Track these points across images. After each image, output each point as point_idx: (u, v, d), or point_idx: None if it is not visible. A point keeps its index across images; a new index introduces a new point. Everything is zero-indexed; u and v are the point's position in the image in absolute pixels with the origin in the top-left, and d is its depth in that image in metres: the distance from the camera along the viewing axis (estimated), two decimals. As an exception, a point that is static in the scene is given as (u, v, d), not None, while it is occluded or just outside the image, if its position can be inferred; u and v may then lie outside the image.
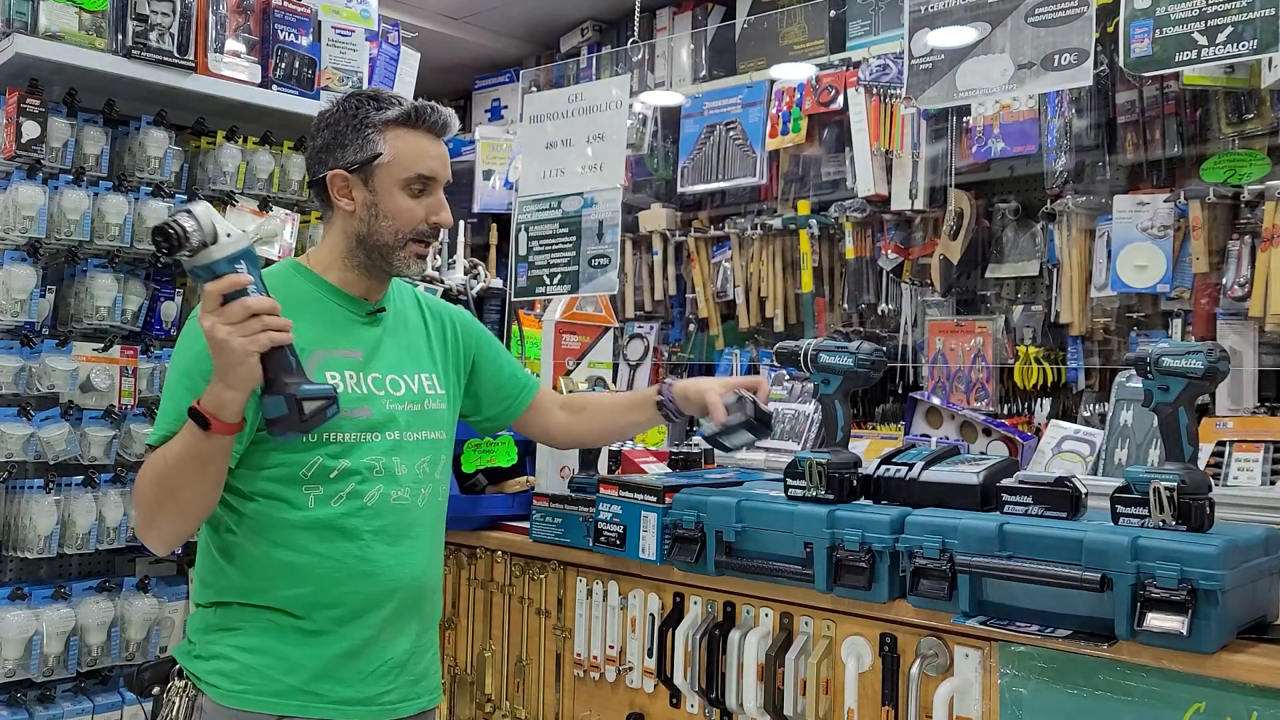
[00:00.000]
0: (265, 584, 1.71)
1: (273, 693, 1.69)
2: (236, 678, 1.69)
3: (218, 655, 1.71)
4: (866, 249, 3.51)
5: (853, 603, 1.82)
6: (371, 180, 1.77)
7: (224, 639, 1.71)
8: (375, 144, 1.76)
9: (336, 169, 1.78)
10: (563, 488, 2.33)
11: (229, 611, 1.73)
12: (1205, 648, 1.47)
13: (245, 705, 1.68)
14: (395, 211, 1.78)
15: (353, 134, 1.78)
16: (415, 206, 1.79)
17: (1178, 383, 1.64)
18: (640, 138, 4.00)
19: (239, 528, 1.72)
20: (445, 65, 4.91)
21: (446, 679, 2.46)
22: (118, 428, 2.74)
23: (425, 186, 1.80)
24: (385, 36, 3.38)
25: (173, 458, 1.59)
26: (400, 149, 1.77)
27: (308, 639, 1.72)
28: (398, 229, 1.78)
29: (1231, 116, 2.79)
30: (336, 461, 1.72)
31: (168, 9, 2.75)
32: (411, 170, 1.78)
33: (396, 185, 1.78)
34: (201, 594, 1.77)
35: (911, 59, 2.48)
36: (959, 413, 3.02)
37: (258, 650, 1.70)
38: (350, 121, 1.78)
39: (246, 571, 1.72)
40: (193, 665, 1.73)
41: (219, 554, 1.74)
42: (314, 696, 1.71)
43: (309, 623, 1.72)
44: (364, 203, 1.78)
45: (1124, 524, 1.62)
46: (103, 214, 2.71)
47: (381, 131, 1.77)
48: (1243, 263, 2.67)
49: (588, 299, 2.57)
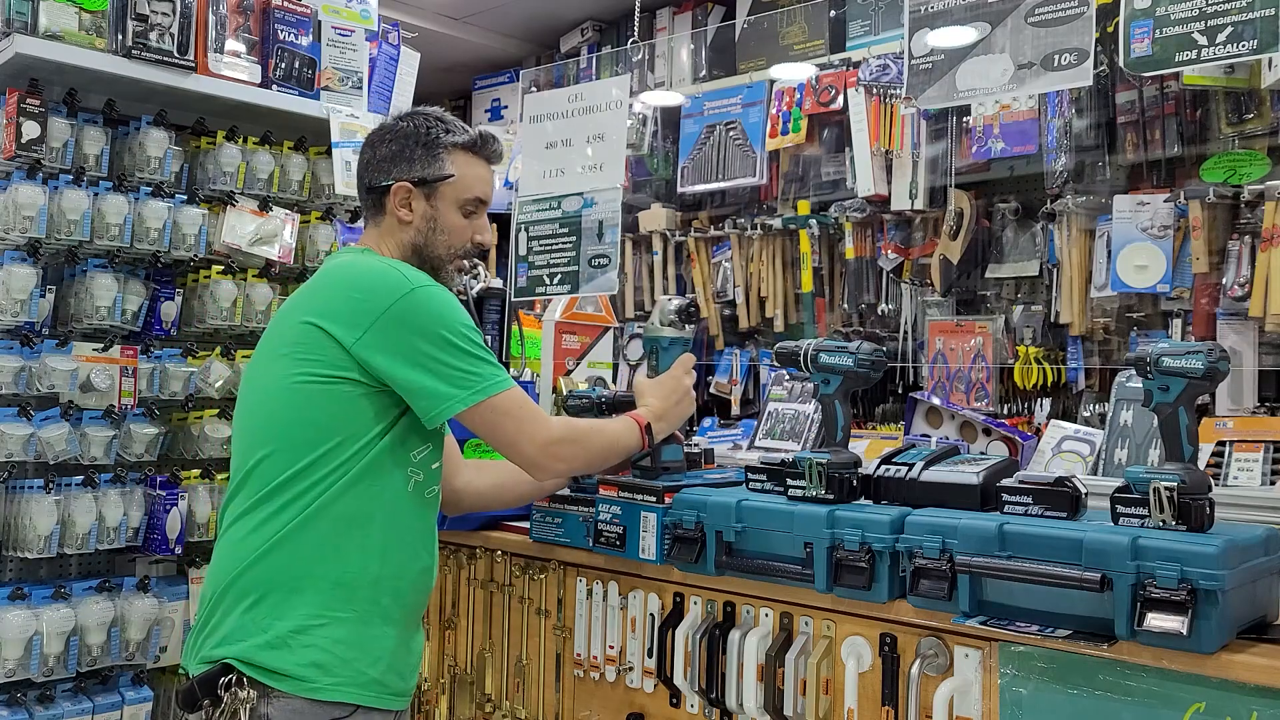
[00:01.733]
0: (365, 568, 1.76)
1: (359, 684, 1.74)
2: (330, 670, 1.70)
3: (311, 645, 1.70)
4: (866, 249, 3.51)
5: (853, 603, 1.82)
6: (434, 197, 1.92)
7: (319, 629, 1.71)
8: (445, 164, 1.92)
9: (402, 181, 1.91)
10: (563, 488, 2.32)
11: (320, 597, 1.73)
12: (1205, 648, 1.47)
13: (340, 697, 1.70)
14: (451, 228, 1.93)
15: (423, 151, 1.92)
16: (466, 226, 1.95)
17: (1178, 383, 1.64)
18: (640, 138, 4.00)
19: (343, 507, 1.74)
20: (445, 65, 4.91)
21: (446, 679, 2.46)
22: (118, 428, 2.74)
23: (477, 209, 1.97)
24: (385, 36, 3.39)
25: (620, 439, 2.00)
26: (464, 172, 1.94)
27: (388, 628, 1.78)
28: (450, 244, 1.94)
29: (1231, 116, 2.79)
30: (437, 456, 1.89)
31: (168, 9, 2.75)
32: (471, 193, 1.94)
33: (455, 205, 1.93)
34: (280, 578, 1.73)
35: (911, 59, 2.48)
36: (959, 413, 3.02)
37: (349, 642, 1.73)
38: (421, 139, 1.93)
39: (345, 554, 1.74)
40: (271, 659, 1.69)
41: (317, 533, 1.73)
42: (383, 688, 1.77)
43: (394, 611, 1.79)
44: (423, 215, 1.92)
45: (1124, 524, 1.62)
46: (103, 214, 2.71)
47: (450, 153, 1.93)
48: (1243, 263, 2.67)
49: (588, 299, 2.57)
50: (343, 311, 1.76)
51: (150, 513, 2.78)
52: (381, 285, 1.77)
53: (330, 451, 1.74)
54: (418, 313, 1.75)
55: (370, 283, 1.78)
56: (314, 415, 1.76)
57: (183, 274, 2.96)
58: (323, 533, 1.74)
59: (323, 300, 1.81)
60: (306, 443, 1.75)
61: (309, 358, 1.76)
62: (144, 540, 2.79)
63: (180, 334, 2.95)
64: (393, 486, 1.80)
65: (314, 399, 1.76)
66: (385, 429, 1.78)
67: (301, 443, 1.75)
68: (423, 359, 1.74)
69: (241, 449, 1.84)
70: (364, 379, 1.76)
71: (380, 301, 1.75)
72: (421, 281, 1.80)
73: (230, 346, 2.95)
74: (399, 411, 1.79)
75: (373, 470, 1.77)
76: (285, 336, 1.82)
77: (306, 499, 1.74)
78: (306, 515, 1.74)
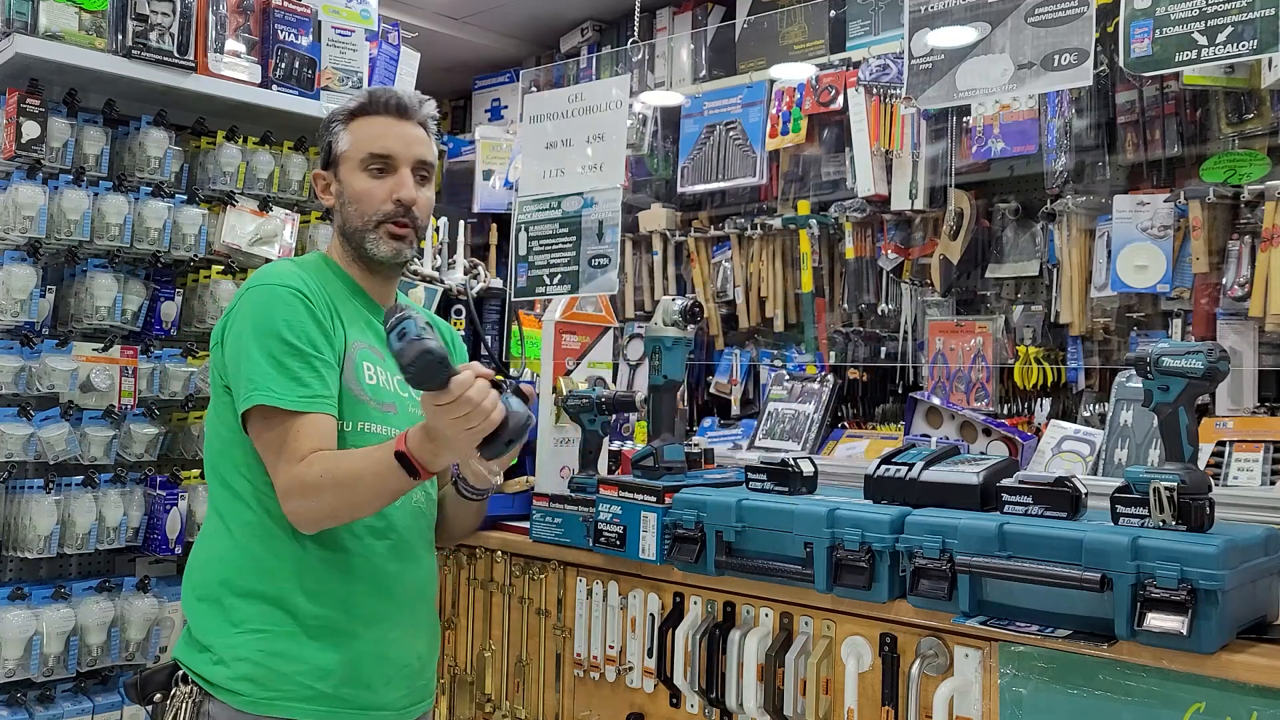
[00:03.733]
0: (296, 583, 1.69)
1: (303, 698, 1.67)
2: (266, 684, 1.66)
3: (244, 659, 1.66)
4: (866, 249, 3.51)
5: (853, 603, 1.81)
6: (338, 171, 1.84)
7: (251, 642, 1.67)
8: (340, 139, 1.84)
9: (317, 171, 1.89)
10: (563, 488, 2.33)
11: (254, 610, 1.68)
12: (1205, 648, 1.47)
13: (275, 712, 1.66)
14: (357, 195, 1.81)
15: (325, 135, 1.88)
16: (375, 187, 1.81)
17: (1178, 383, 1.64)
18: (640, 138, 4.00)
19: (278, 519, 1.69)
20: (445, 65, 4.91)
21: (446, 679, 2.46)
22: (118, 428, 2.74)
23: (384, 165, 1.82)
24: (385, 36, 3.39)
25: (364, 479, 1.62)
26: (357, 135, 1.83)
27: (341, 641, 1.71)
28: (363, 211, 1.81)
29: (1231, 116, 2.79)
30: None
31: (168, 9, 2.75)
32: (364, 150, 1.82)
33: (356, 169, 1.82)
34: (216, 590, 1.71)
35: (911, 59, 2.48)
36: (959, 413, 3.02)
37: (288, 655, 1.67)
38: (324, 126, 1.89)
39: (280, 568, 1.69)
40: (209, 671, 1.67)
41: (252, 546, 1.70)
42: (341, 702, 1.70)
43: (344, 623, 1.71)
44: (336, 194, 1.85)
45: (1124, 524, 1.62)
46: (103, 214, 2.72)
47: (345, 124, 1.85)
48: (1243, 263, 2.67)
49: (588, 299, 2.56)
50: (217, 327, 1.79)
51: (150, 513, 2.79)
52: (238, 293, 1.77)
53: (240, 464, 1.72)
54: (246, 309, 1.72)
55: (236, 293, 1.80)
56: (222, 430, 1.76)
57: (183, 274, 2.96)
58: (250, 545, 1.71)
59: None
60: (222, 457, 1.75)
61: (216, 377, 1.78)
62: (144, 540, 2.79)
63: (180, 334, 2.95)
64: None
65: (221, 414, 1.76)
66: None
67: (219, 458, 1.76)
68: (238, 354, 1.69)
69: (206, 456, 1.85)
70: None
71: (229, 307, 1.77)
72: (266, 280, 1.74)
73: (230, 346, 2.94)
74: None
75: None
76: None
77: (232, 513, 1.73)
78: (233, 528, 1.72)
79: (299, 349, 1.68)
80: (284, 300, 1.70)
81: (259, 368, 1.66)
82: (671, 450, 2.16)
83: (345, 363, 1.75)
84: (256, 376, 1.65)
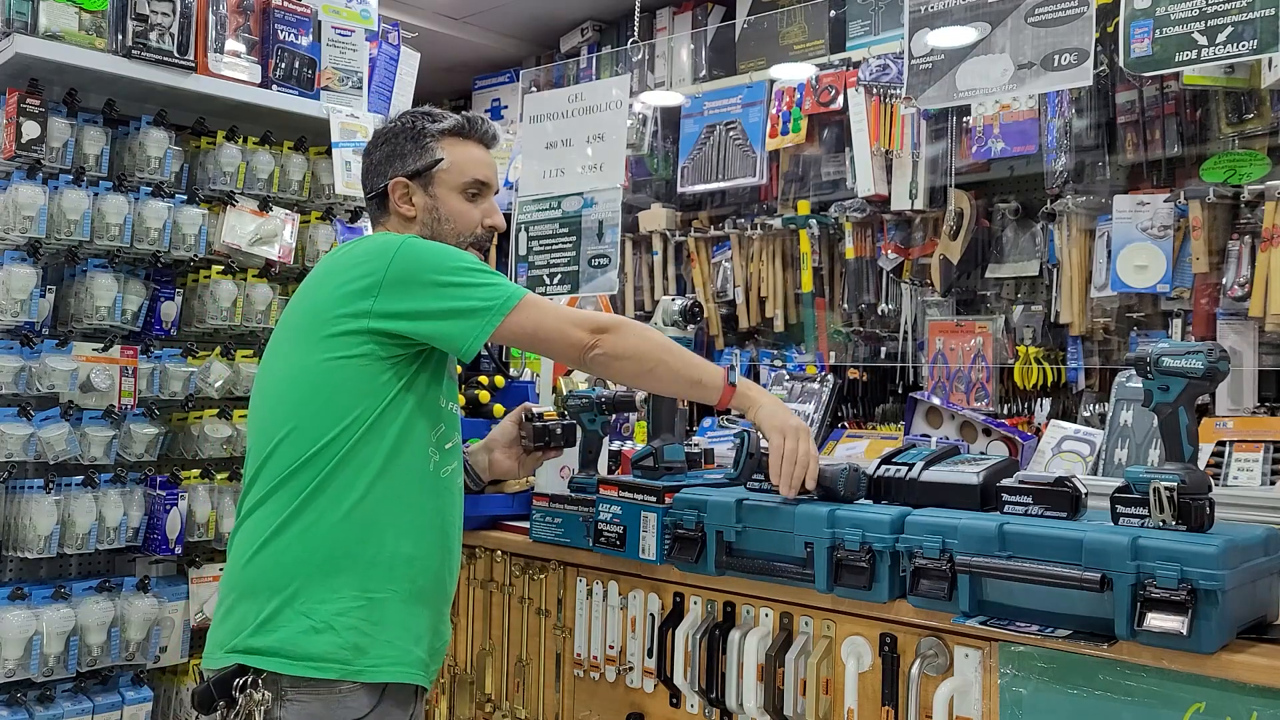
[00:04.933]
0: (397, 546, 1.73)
1: (405, 662, 1.73)
2: (368, 651, 1.68)
3: (352, 627, 1.67)
4: (866, 249, 3.51)
5: (853, 603, 1.82)
6: (431, 186, 1.91)
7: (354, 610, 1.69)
8: (434, 151, 1.91)
9: (398, 177, 1.91)
10: (563, 488, 2.33)
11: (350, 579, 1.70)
12: (1205, 648, 1.47)
13: (378, 677, 1.69)
14: (455, 215, 1.92)
15: (411, 144, 1.92)
16: (472, 210, 1.93)
17: (1178, 383, 1.64)
18: (640, 138, 4.00)
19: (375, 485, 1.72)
20: (445, 65, 4.91)
21: (446, 679, 2.46)
22: (118, 428, 2.74)
23: (480, 191, 1.94)
24: (385, 36, 3.39)
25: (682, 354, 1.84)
26: (457, 156, 1.92)
27: (431, 606, 1.79)
28: (458, 231, 1.92)
29: (1231, 116, 2.79)
30: (452, 434, 1.87)
31: (168, 9, 2.75)
32: (469, 175, 1.92)
33: (455, 190, 1.92)
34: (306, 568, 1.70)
35: (911, 59, 2.48)
36: (959, 413, 3.02)
37: (387, 622, 1.71)
38: (408, 133, 1.93)
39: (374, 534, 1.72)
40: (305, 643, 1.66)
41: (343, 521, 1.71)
42: (427, 665, 1.79)
43: (432, 590, 1.79)
44: (425, 207, 1.91)
45: (1124, 524, 1.62)
46: (103, 214, 2.72)
47: (439, 140, 1.92)
48: (1243, 263, 2.67)
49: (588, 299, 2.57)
50: (352, 286, 1.75)
51: (150, 513, 2.78)
52: (376, 249, 1.78)
53: (349, 428, 1.72)
54: (418, 259, 1.76)
55: (364, 252, 1.80)
56: (330, 393, 1.73)
57: (183, 274, 2.96)
58: (350, 512, 1.71)
59: (330, 283, 1.80)
60: (325, 421, 1.72)
61: (324, 338, 1.75)
62: (144, 540, 2.79)
63: (180, 334, 2.95)
64: (415, 463, 1.77)
65: (331, 375, 1.74)
66: (402, 402, 1.75)
67: (321, 421, 1.73)
68: (440, 296, 1.73)
69: (258, 434, 1.81)
70: (381, 350, 1.73)
71: (380, 262, 1.75)
72: (407, 237, 1.81)
73: (230, 346, 2.95)
74: (415, 381, 1.78)
75: (396, 445, 1.74)
76: (299, 324, 1.82)
77: (329, 479, 1.71)
78: (330, 496, 1.71)
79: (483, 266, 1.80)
80: (444, 245, 1.83)
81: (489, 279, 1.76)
82: (671, 450, 2.16)
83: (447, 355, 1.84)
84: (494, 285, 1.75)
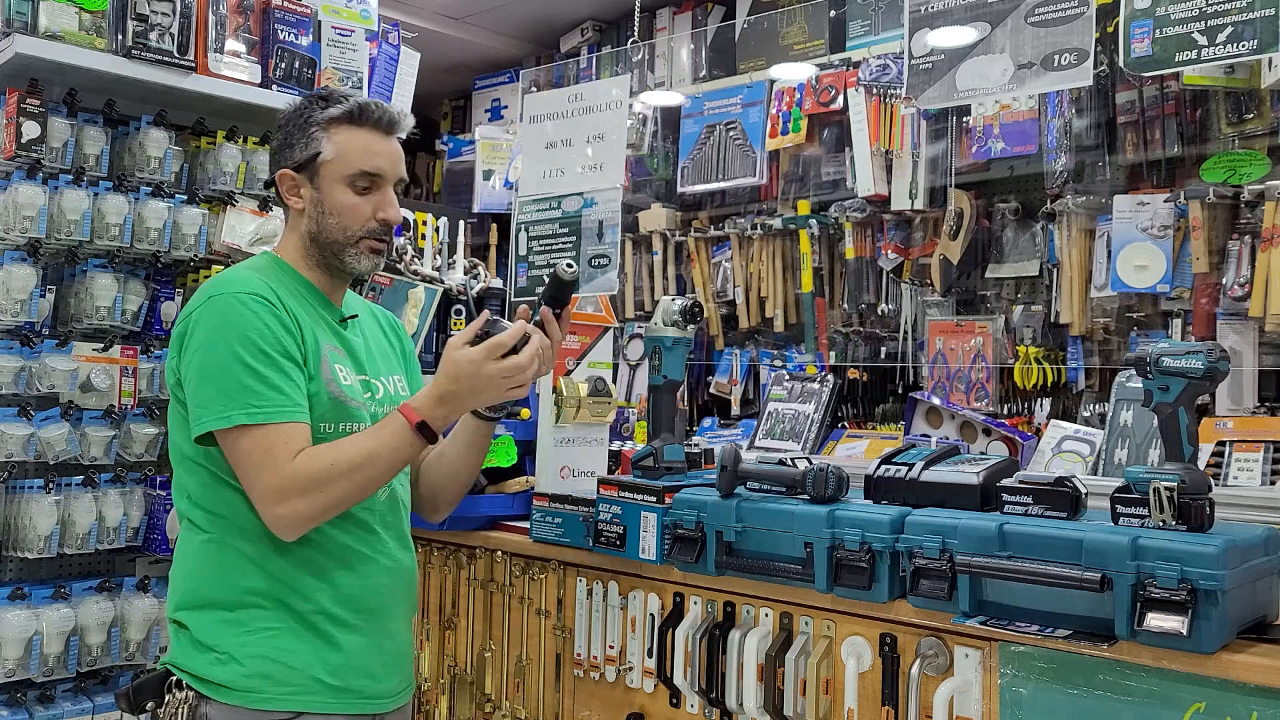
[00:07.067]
0: (298, 581, 1.70)
1: (311, 691, 1.69)
2: (277, 679, 1.67)
3: (255, 656, 1.67)
4: (866, 249, 3.51)
5: (853, 603, 1.81)
6: (316, 178, 1.79)
7: (258, 640, 1.68)
8: (318, 142, 1.78)
9: (284, 168, 1.81)
10: (563, 488, 2.33)
11: (257, 609, 1.69)
12: (1205, 648, 1.47)
13: (285, 706, 1.67)
14: (340, 209, 1.79)
15: (299, 133, 1.80)
16: (361, 204, 1.79)
17: (1178, 383, 1.64)
18: (640, 138, 4.01)
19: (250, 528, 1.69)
20: (445, 65, 4.91)
21: (446, 679, 2.46)
22: (118, 428, 2.74)
23: (371, 184, 1.80)
24: (385, 36, 3.39)
25: (379, 454, 1.67)
26: (344, 146, 1.78)
27: (345, 634, 1.73)
28: (345, 226, 1.79)
29: (1231, 116, 2.79)
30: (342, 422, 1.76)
31: (168, 9, 2.75)
32: (354, 167, 1.78)
33: (340, 182, 1.78)
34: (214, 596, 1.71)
35: (911, 59, 2.48)
36: (959, 413, 3.02)
37: (295, 651, 1.69)
38: (295, 122, 1.81)
39: (275, 569, 1.70)
40: (213, 671, 1.67)
41: (240, 553, 1.70)
42: (348, 693, 1.73)
43: (347, 616, 1.73)
44: (311, 200, 1.80)
45: (1124, 524, 1.62)
46: (103, 214, 2.72)
47: (325, 129, 1.78)
48: (1243, 263, 2.67)
49: (588, 299, 2.57)
50: (174, 334, 1.75)
51: (150, 513, 2.79)
52: (196, 298, 1.73)
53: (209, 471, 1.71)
54: (212, 319, 1.67)
55: (193, 299, 1.74)
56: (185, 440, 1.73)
57: (183, 274, 2.96)
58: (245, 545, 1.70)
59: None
60: (188, 466, 1.74)
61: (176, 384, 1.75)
62: (144, 540, 2.79)
63: (180, 334, 2.95)
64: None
65: (180, 424, 1.73)
66: None
67: (186, 467, 1.74)
68: (201, 368, 1.66)
69: None
70: None
71: (186, 313, 1.72)
72: (229, 289, 1.70)
73: (230, 346, 2.94)
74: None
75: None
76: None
77: (209, 519, 1.72)
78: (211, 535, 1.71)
79: (274, 358, 1.66)
80: (251, 309, 1.67)
81: (236, 382, 1.63)
82: (671, 450, 2.16)
83: (321, 364, 1.74)
84: (234, 391, 1.63)
